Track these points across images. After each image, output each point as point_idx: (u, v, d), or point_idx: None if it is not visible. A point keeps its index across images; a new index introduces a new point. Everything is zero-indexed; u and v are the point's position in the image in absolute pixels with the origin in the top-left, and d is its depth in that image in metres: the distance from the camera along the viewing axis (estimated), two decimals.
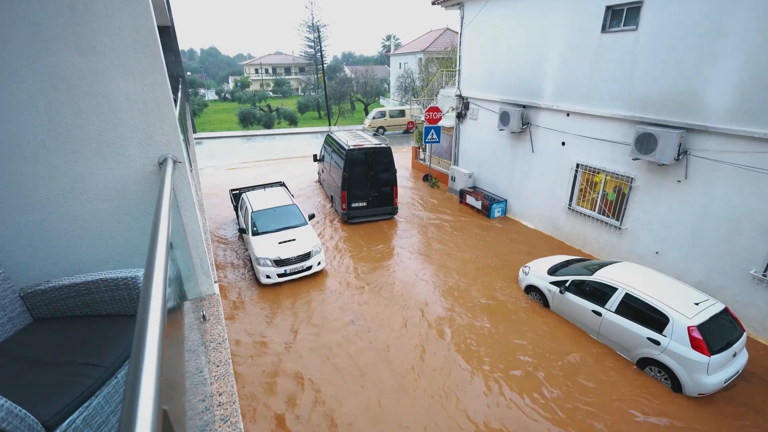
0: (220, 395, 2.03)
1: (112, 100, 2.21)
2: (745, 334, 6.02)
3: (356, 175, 11.65)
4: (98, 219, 2.36)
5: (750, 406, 5.76)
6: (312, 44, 49.22)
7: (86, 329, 2.14)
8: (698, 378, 5.60)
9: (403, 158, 20.31)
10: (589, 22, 8.99)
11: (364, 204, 12.04)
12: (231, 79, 64.01)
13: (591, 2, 8.89)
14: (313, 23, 47.97)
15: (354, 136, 13.48)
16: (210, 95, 55.03)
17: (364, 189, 11.86)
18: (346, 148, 11.60)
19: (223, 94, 52.99)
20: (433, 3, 13.96)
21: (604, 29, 8.75)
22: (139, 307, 0.95)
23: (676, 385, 5.87)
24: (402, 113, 28.26)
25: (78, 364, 1.84)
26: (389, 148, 11.92)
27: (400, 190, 14.22)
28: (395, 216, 12.73)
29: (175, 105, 4.22)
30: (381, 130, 27.68)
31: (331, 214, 13.02)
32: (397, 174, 12.31)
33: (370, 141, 12.43)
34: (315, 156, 15.75)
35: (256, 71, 62.50)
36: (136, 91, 2.24)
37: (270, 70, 63.43)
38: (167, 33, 9.87)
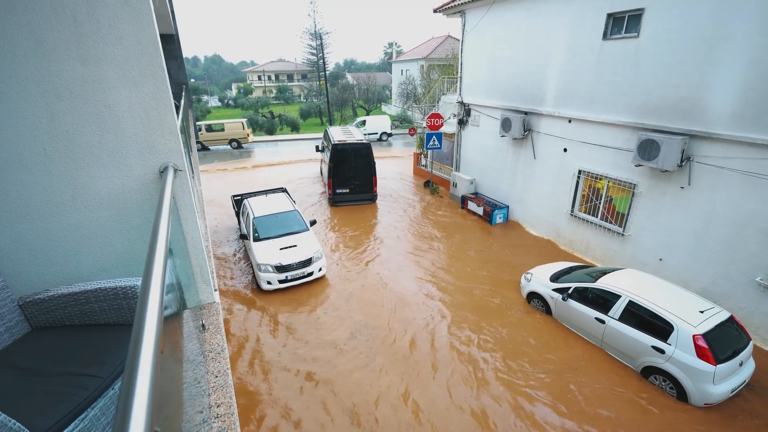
0: (218, 407, 2.00)
1: (114, 108, 2.21)
2: (751, 342, 5.94)
3: (341, 166, 13.74)
4: (98, 227, 2.35)
5: (757, 415, 5.66)
6: (314, 51, 49.65)
7: (84, 339, 2.13)
8: (704, 387, 5.51)
9: (403, 165, 20.37)
10: (591, 29, 9.03)
11: (347, 190, 14.20)
12: (234, 85, 64.51)
13: (592, 10, 8.93)
14: (315, 31, 48.46)
15: (345, 132, 15.26)
16: (213, 102, 55.43)
17: (347, 177, 13.99)
18: (332, 142, 13.73)
19: (226, 100, 53.37)
20: (435, 11, 14.07)
21: (605, 36, 8.78)
22: (135, 317, 0.93)
23: (681, 394, 5.78)
24: (222, 128, 25.20)
25: (75, 374, 1.82)
26: (369, 144, 14.02)
27: (400, 194, 15.65)
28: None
29: (178, 112, 4.24)
30: (199, 145, 24.29)
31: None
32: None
33: (355, 137, 14.34)
34: (317, 147, 17.42)
35: (259, 78, 63.01)
36: (137, 100, 2.25)
37: (273, 77, 63.91)
38: (171, 41, 9.96)
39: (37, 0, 1.92)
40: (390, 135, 28.96)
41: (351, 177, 13.98)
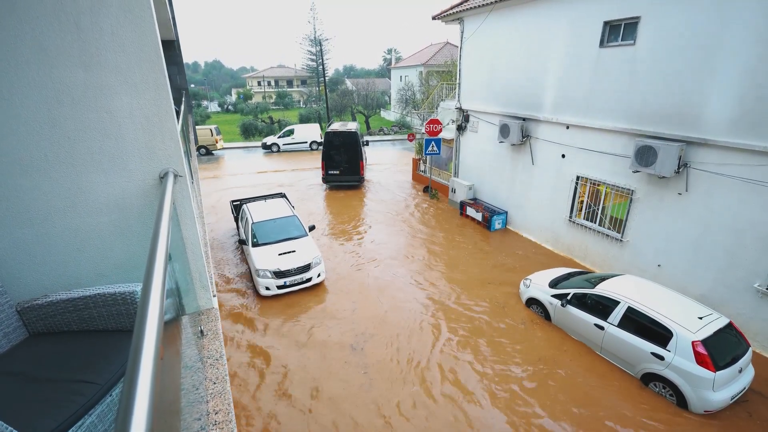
0: (216, 413, 1.99)
1: (115, 114, 2.22)
2: (750, 349, 5.93)
3: (332, 151, 16.27)
4: (98, 233, 2.35)
5: (758, 421, 5.63)
6: (314, 57, 49.95)
7: (82, 345, 2.11)
8: (704, 394, 5.49)
9: (402, 170, 20.42)
10: (588, 36, 9.12)
11: (338, 172, 16.58)
12: (234, 91, 64.78)
13: (589, 18, 9.03)
14: (315, 37, 48.81)
15: (342, 125, 17.69)
16: (213, 107, 55.59)
17: (337, 161, 16.45)
18: (326, 131, 16.49)
19: (225, 105, 53.56)
20: (434, 17, 14.20)
21: (602, 44, 8.87)
22: (136, 323, 0.93)
23: (681, 401, 5.76)
24: None
25: (73, 381, 1.81)
26: (356, 132, 16.32)
27: (399, 199, 16.01)
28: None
29: (178, 117, 4.25)
30: None
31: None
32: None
33: (346, 127, 16.68)
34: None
35: (259, 84, 63.30)
36: (138, 106, 2.26)
37: (272, 83, 64.22)
38: (172, 47, 10.02)
39: (40, 7, 1.94)
40: (320, 144, 25.73)
41: (341, 160, 16.39)
